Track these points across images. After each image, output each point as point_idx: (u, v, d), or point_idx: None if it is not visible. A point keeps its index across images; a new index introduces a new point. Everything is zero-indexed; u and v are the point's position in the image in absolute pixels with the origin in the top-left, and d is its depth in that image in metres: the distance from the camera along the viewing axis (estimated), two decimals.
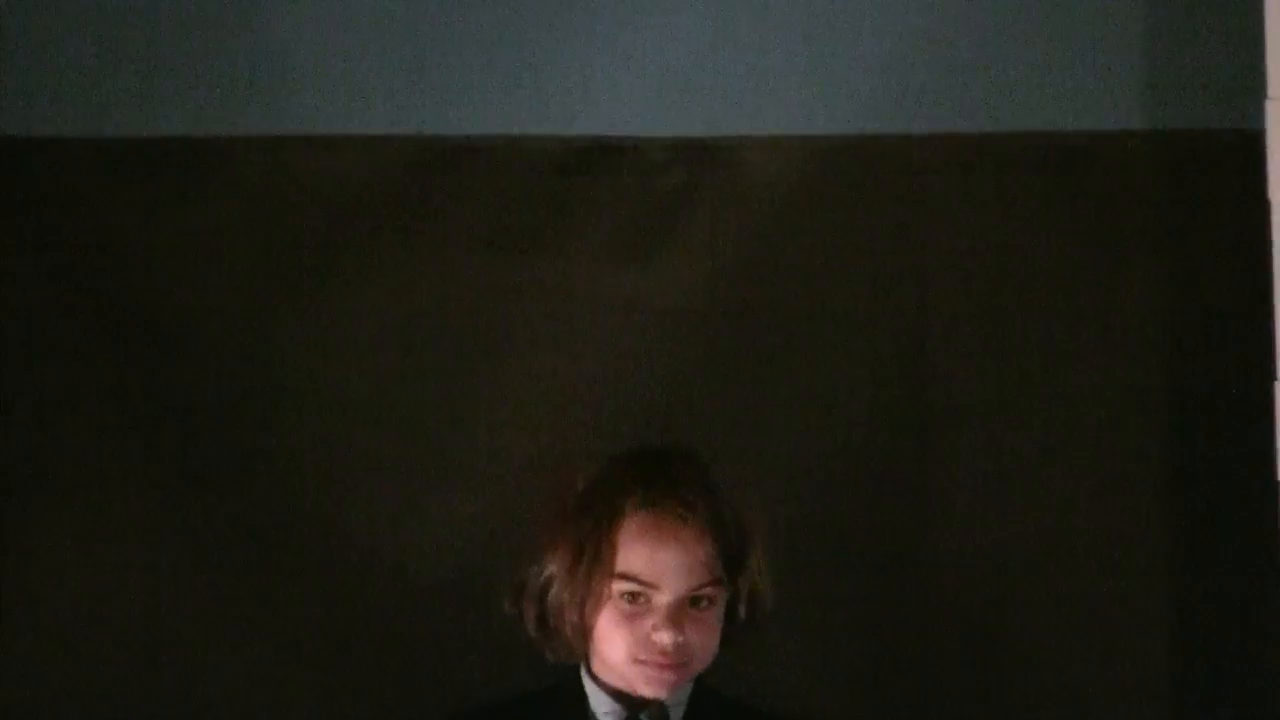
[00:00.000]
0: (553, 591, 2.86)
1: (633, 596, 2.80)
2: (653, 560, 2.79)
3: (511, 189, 3.94)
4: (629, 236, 3.96)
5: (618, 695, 2.86)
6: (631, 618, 2.80)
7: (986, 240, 4.00)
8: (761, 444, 3.95)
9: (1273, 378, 3.51)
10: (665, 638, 2.78)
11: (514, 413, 3.97)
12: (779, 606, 2.96)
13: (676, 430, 3.68)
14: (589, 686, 2.88)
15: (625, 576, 2.80)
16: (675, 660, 2.80)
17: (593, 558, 2.82)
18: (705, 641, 2.82)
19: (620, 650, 2.81)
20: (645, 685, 2.82)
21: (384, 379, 3.96)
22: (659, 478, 2.84)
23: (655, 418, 3.77)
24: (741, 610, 2.87)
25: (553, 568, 2.87)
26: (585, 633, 2.85)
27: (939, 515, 3.98)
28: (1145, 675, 3.98)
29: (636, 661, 2.80)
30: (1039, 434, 3.99)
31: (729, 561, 2.83)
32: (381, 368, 3.96)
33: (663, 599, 2.79)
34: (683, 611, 2.79)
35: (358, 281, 3.95)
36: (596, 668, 2.88)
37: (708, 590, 2.81)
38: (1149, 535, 3.99)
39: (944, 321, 4.00)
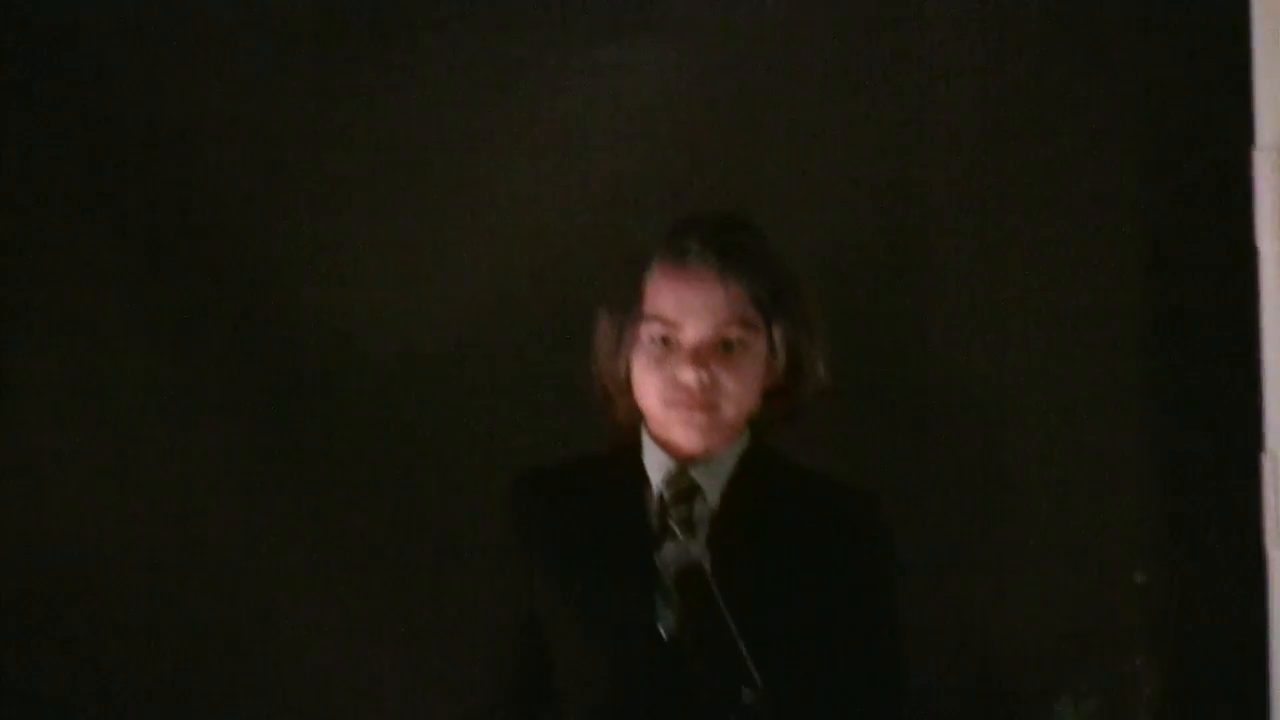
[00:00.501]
0: (599, 351, 2.88)
1: (663, 341, 2.80)
2: (677, 299, 2.80)
3: None
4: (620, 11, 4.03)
5: (669, 448, 2.85)
6: (661, 360, 2.80)
7: (984, 58, 4.06)
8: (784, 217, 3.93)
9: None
10: (689, 375, 2.78)
11: (521, 191, 4.03)
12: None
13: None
14: (645, 443, 2.87)
15: (652, 318, 2.81)
16: (702, 400, 2.79)
17: (624, 307, 2.84)
18: (736, 385, 2.81)
19: (653, 394, 2.82)
20: (680, 429, 2.82)
21: (388, 166, 4.02)
22: (693, 227, 2.84)
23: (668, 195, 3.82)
24: (779, 360, 2.84)
25: (599, 334, 2.88)
26: (623, 384, 2.85)
27: (935, 301, 4.06)
28: (1128, 468, 4.10)
29: (667, 405, 2.81)
30: (1028, 231, 4.08)
31: (761, 307, 2.82)
32: (387, 153, 4.02)
33: (687, 336, 2.79)
34: (709, 351, 2.79)
35: (360, 79, 4.01)
36: (647, 425, 2.87)
37: (735, 331, 2.80)
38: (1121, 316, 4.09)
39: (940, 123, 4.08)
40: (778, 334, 2.84)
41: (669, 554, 2.74)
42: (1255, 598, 3.97)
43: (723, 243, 2.81)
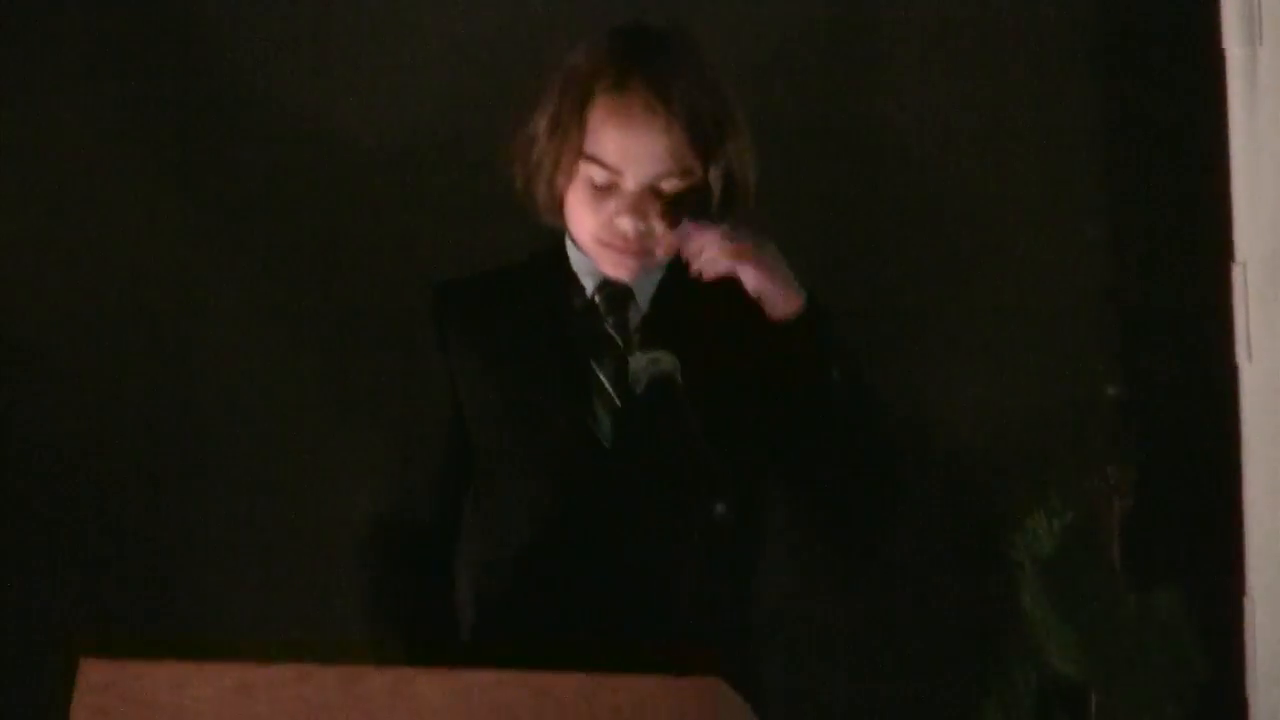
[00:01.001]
0: (532, 155, 2.81)
1: (599, 180, 2.75)
2: (619, 146, 2.74)
3: None
4: None
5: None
6: (597, 198, 2.76)
7: None
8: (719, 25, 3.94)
9: None
10: (626, 223, 2.74)
11: None
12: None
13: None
14: (572, 253, 2.84)
15: (591, 159, 2.76)
16: (637, 247, 2.76)
17: (564, 134, 2.77)
18: (670, 227, 2.75)
19: (586, 230, 2.78)
20: (609, 267, 2.79)
21: None
22: (637, 60, 2.76)
23: None
24: (714, 199, 2.79)
25: (534, 132, 2.81)
26: (556, 205, 2.81)
27: (888, 87, 4.05)
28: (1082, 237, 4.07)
29: (599, 243, 2.77)
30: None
31: (701, 152, 2.76)
32: None
33: (627, 185, 2.75)
34: (647, 199, 2.75)
35: None
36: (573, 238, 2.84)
37: (674, 182, 2.75)
38: (1085, 104, 4.07)
39: None
40: (714, 173, 2.79)
41: (637, 364, 2.68)
42: (1226, 410, 3.96)
43: (668, 80, 2.74)
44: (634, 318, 2.80)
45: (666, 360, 2.68)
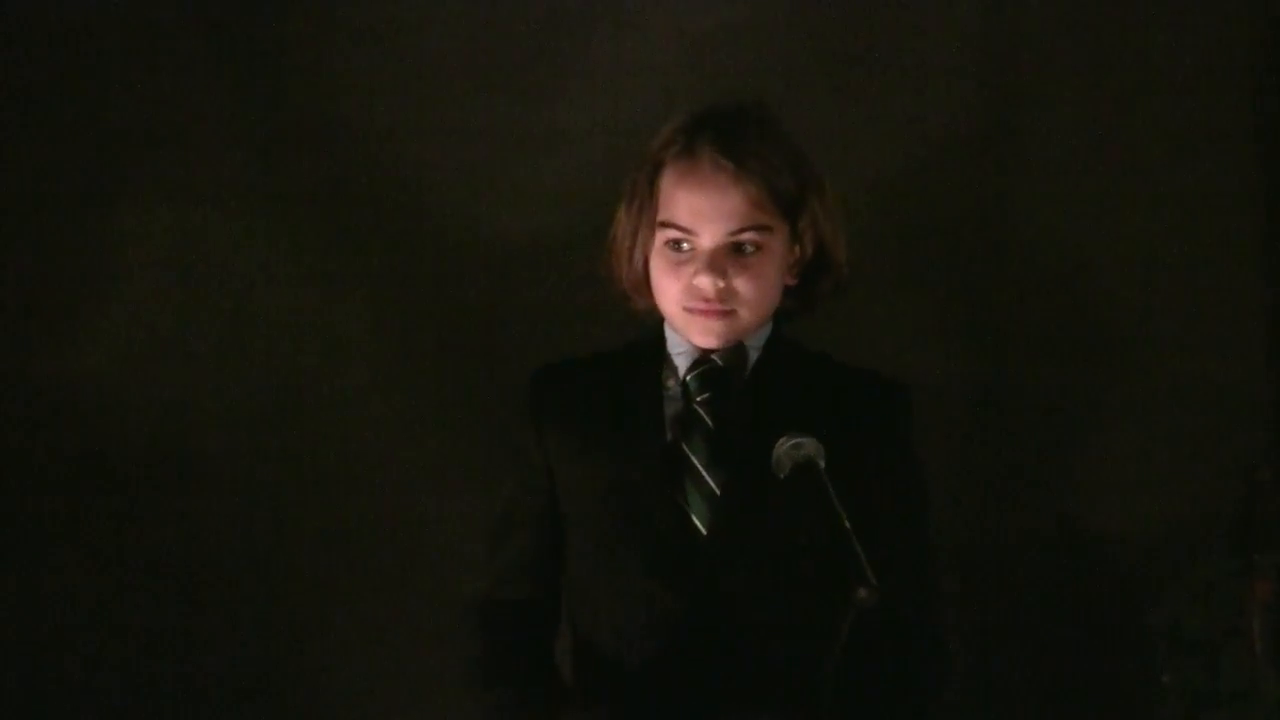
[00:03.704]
0: (616, 239, 2.82)
1: (677, 245, 2.74)
2: (690, 205, 2.73)
3: None
4: None
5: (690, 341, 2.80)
6: (677, 265, 2.75)
7: None
8: (847, 117, 4.02)
9: None
10: (705, 282, 2.72)
11: (600, 79, 4.04)
12: (861, 270, 2.90)
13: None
14: (668, 332, 2.82)
15: (666, 224, 2.75)
16: (720, 306, 2.73)
17: (639, 208, 2.78)
18: (754, 288, 2.75)
19: (670, 299, 2.77)
20: (698, 335, 2.77)
21: (474, 55, 4.05)
22: (705, 125, 2.76)
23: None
24: (797, 250, 2.78)
25: (617, 218, 2.83)
26: (642, 282, 2.81)
27: (1022, 175, 4.03)
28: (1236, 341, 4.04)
29: (685, 310, 2.75)
30: (1122, 91, 4.02)
31: (780, 205, 2.74)
32: (469, 42, 4.05)
33: (703, 244, 2.73)
34: (725, 257, 2.73)
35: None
36: (668, 320, 2.82)
37: (750, 235, 2.73)
38: (1238, 188, 4.03)
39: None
40: (803, 225, 2.78)
41: (780, 449, 2.61)
42: None
43: (736, 141, 2.73)
44: (727, 400, 2.77)
45: (809, 445, 2.62)
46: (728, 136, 2.74)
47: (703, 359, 2.81)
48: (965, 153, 4.03)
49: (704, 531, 2.74)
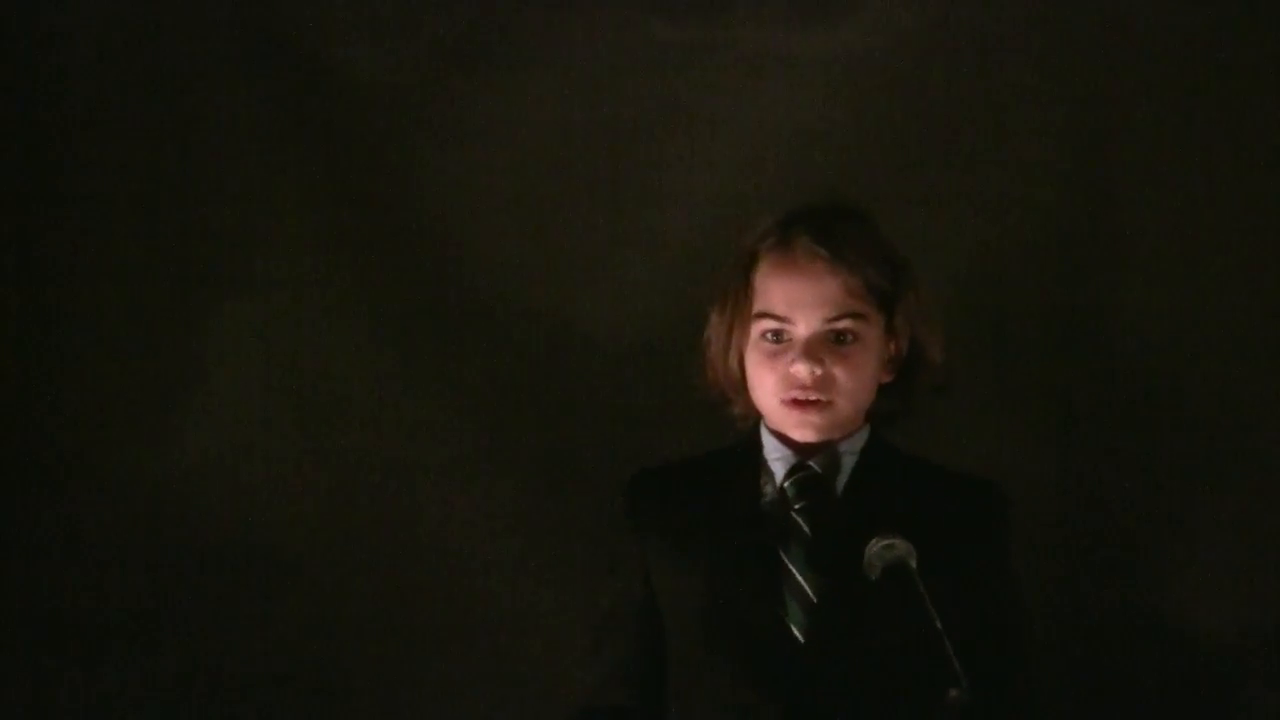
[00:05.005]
0: (710, 340, 2.85)
1: (774, 335, 2.76)
2: (785, 293, 2.75)
3: None
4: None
5: (788, 442, 2.82)
6: (774, 356, 2.76)
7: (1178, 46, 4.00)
8: (941, 215, 4.01)
9: None
10: (802, 369, 2.73)
11: (700, 178, 4.04)
12: (956, 370, 2.89)
13: None
14: (765, 436, 2.82)
15: (762, 314, 2.77)
16: (818, 395, 2.74)
17: (734, 303, 2.80)
18: (851, 378, 2.76)
19: (767, 391, 2.77)
20: (794, 428, 2.77)
21: (569, 152, 4.06)
22: (799, 218, 2.80)
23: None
24: (893, 346, 2.79)
25: (710, 320, 2.86)
26: (737, 382, 2.82)
27: (1122, 290, 4.00)
28: None
29: (783, 403, 2.76)
30: (1219, 214, 4.00)
31: (875, 297, 2.76)
32: (566, 137, 4.07)
33: (800, 332, 2.74)
34: (822, 345, 2.74)
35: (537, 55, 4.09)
36: (764, 421, 2.83)
37: (847, 323, 2.75)
38: None
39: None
40: (898, 319, 2.80)
41: (871, 550, 2.62)
42: None
43: (830, 232, 2.76)
44: (825, 506, 2.78)
45: (901, 546, 2.62)
46: (823, 228, 2.78)
47: (800, 465, 2.82)
48: (1057, 252, 4.04)
49: (801, 640, 2.75)
